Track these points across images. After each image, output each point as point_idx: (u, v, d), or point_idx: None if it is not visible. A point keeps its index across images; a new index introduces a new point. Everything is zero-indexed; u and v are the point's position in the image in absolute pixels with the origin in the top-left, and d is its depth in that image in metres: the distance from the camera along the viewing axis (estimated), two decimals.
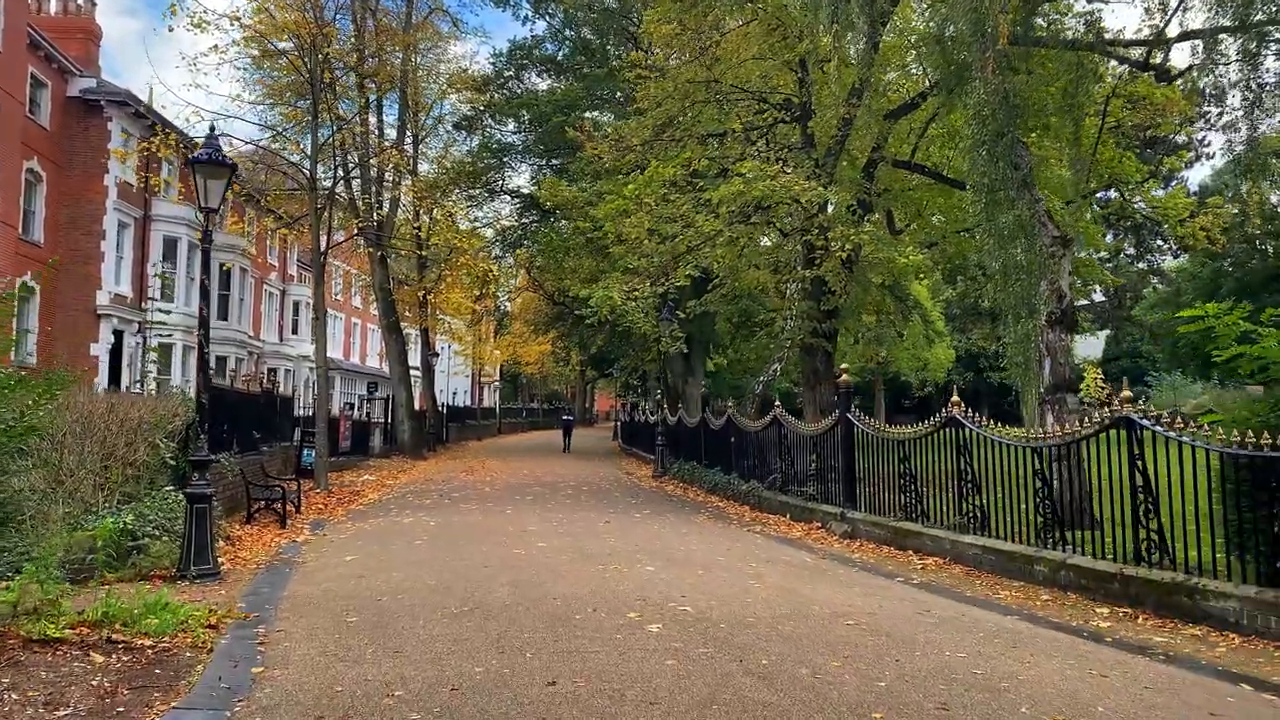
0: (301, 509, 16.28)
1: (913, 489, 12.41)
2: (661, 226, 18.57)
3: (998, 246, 11.78)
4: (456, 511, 16.09)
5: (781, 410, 16.63)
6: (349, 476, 24.06)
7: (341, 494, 19.46)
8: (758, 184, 17.11)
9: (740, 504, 17.83)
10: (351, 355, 60.28)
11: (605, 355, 63.40)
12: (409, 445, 33.72)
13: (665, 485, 22.92)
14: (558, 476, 24.85)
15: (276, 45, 18.86)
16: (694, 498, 19.87)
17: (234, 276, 39.90)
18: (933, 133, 21.01)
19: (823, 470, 15.01)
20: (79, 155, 31.99)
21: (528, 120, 37.57)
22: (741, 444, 18.91)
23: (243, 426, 16.16)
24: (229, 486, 14.29)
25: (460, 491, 20.08)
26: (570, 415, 42.61)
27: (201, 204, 9.73)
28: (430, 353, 39.44)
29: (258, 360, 44.59)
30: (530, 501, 17.94)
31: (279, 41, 18.85)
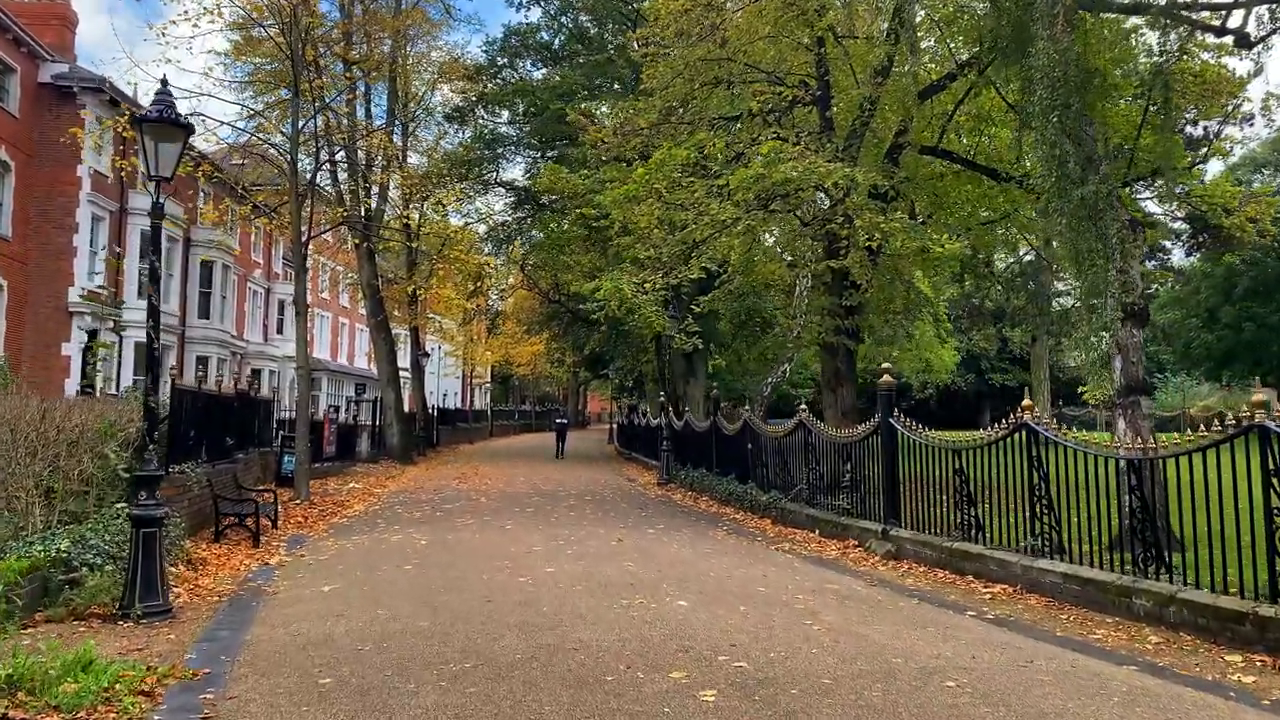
0: (279, 523, 14.73)
1: (969, 504, 10.95)
2: (673, 215, 17.07)
3: (1070, 228, 10.33)
4: (450, 527, 14.56)
5: (808, 414, 15.15)
6: (333, 484, 22.50)
7: (324, 504, 17.90)
8: (779, 166, 15.63)
9: (760, 517, 16.35)
10: (339, 356, 58.58)
11: (600, 356, 61.95)
12: (398, 449, 32.16)
13: (672, 494, 21.43)
14: (556, 484, 23.34)
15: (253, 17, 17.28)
16: (706, 508, 18.38)
17: (215, 273, 38.27)
18: (958, 119, 19.61)
19: (858, 481, 13.54)
20: (50, 145, 30.23)
21: (523, 110, 36.07)
22: (759, 451, 17.43)
23: (214, 432, 14.60)
24: (195, 500, 12.74)
25: (453, 502, 18.55)
26: (565, 418, 41.37)
27: (150, 171, 8.20)
28: (420, 352, 37.89)
29: (241, 360, 42.94)
30: (531, 514, 16.41)
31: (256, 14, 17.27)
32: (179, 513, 11.94)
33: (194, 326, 37.12)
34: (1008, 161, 19.78)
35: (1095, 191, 10.26)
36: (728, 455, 19.57)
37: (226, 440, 15.46)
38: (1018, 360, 67.00)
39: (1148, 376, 43.42)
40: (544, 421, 78.19)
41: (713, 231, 16.27)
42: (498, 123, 35.93)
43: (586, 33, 36.26)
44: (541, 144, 35.35)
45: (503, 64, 35.63)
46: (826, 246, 18.71)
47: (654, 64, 19.93)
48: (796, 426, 15.38)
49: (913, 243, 16.12)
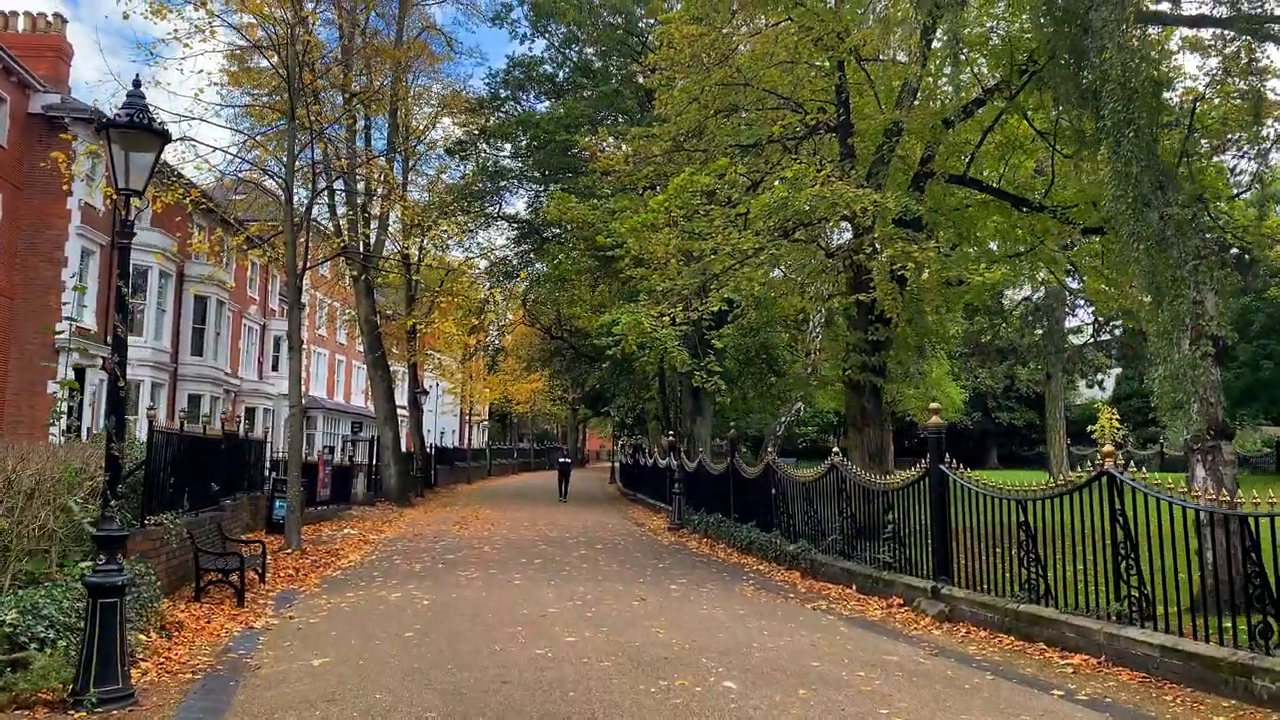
0: (267, 577, 13.53)
1: (1036, 561, 9.80)
2: (691, 244, 16.06)
3: (1147, 254, 9.29)
4: (454, 581, 13.35)
5: (842, 458, 14.02)
6: (328, 530, 21.27)
7: (317, 554, 16.68)
8: (803, 191, 14.66)
9: (787, 568, 15.15)
10: (335, 393, 57.42)
11: (601, 393, 60.78)
12: (395, 491, 30.92)
13: (686, 541, 20.21)
14: (563, 530, 22.11)
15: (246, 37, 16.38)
16: (725, 558, 17.18)
17: (209, 308, 37.24)
18: (986, 147, 18.71)
19: (900, 532, 12.38)
20: (40, 176, 29.26)
21: (525, 143, 35.24)
22: (784, 497, 16.27)
23: (198, 477, 13.44)
24: (174, 555, 11.56)
25: (455, 550, 17.33)
26: (568, 456, 38.88)
27: (119, 185, 7.14)
28: (418, 390, 36.74)
29: (235, 399, 41.80)
30: (540, 566, 15.20)
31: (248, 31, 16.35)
32: (155, 570, 10.78)
33: (186, 364, 36.01)
34: (1037, 190, 18.88)
35: (1175, 214, 9.24)
36: (747, 500, 18.40)
37: (212, 486, 14.30)
38: (1024, 399, 65.89)
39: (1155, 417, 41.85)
40: (543, 460, 76.84)
41: (733, 262, 15.24)
42: (500, 155, 35.11)
43: (591, 66, 35.57)
44: (545, 177, 34.50)
45: (506, 96, 34.90)
46: (851, 279, 17.72)
47: (666, 90, 19.07)
48: (828, 470, 14.24)
49: (947, 272, 15.10)
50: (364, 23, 29.02)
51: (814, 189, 14.70)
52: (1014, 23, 15.50)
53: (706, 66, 18.26)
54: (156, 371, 32.97)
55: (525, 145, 35.56)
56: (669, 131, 18.36)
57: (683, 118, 17.91)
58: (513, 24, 34.07)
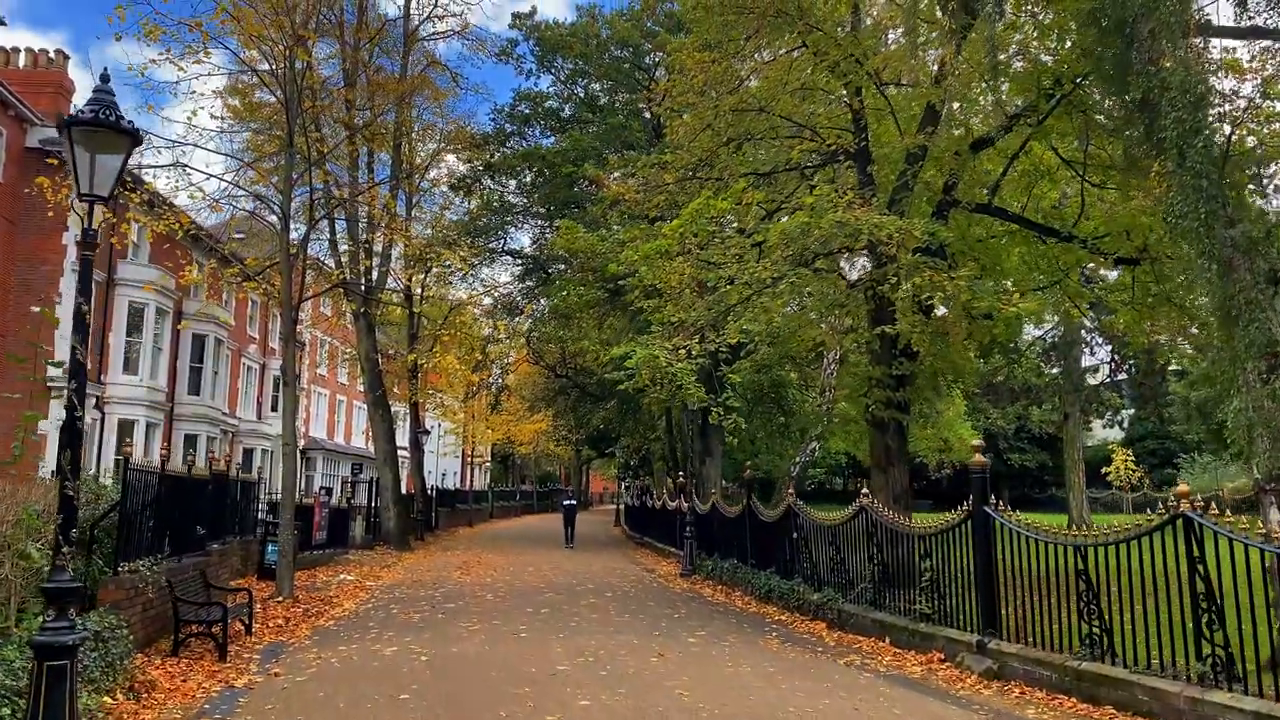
0: (255, 627, 12.56)
1: (1099, 614, 8.86)
2: (705, 274, 15.28)
3: (1218, 275, 8.46)
4: (455, 634, 12.37)
5: (871, 500, 13.09)
6: (323, 575, 20.28)
7: (310, 601, 15.70)
8: (826, 217, 13.90)
9: (810, 619, 14.16)
10: (335, 434, 56.47)
11: (605, 434, 59.74)
12: (395, 534, 29.90)
13: (700, 588, 19.19)
14: (569, 576, 21.09)
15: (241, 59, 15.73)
16: (744, 607, 16.17)
17: (208, 347, 36.48)
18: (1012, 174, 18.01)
19: (938, 581, 11.43)
20: (36, 212, 28.75)
21: (530, 179, 34.73)
22: (806, 541, 15.31)
23: (181, 520, 12.54)
24: (152, 605, 10.63)
25: (456, 599, 16.33)
26: (573, 499, 36.57)
27: (81, 189, 6.37)
28: (420, 430, 35.81)
29: (233, 440, 40.92)
30: (547, 617, 14.21)
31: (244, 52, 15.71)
32: (130, 621, 9.85)
33: (183, 403, 35.18)
34: (1061, 221, 18.14)
35: (1246, 231, 8.44)
36: (765, 545, 17.43)
37: (197, 529, 13.38)
38: (1036, 440, 64.80)
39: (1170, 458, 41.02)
40: (546, 502, 75.58)
41: (750, 292, 14.44)
42: (506, 190, 34.55)
43: (596, 101, 35.16)
44: (550, 212, 33.91)
45: (511, 131, 34.41)
46: (873, 311, 16.91)
47: (677, 117, 18.44)
48: (856, 513, 13.30)
49: (979, 303, 14.27)
50: (369, 58, 28.63)
51: (837, 214, 13.94)
52: (1047, 40, 14.84)
53: (719, 93, 17.65)
54: (152, 411, 32.13)
55: (530, 180, 35.04)
56: (681, 160, 17.68)
57: (695, 144, 17.24)
58: (518, 59, 33.71)
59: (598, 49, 31.77)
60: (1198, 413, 45.36)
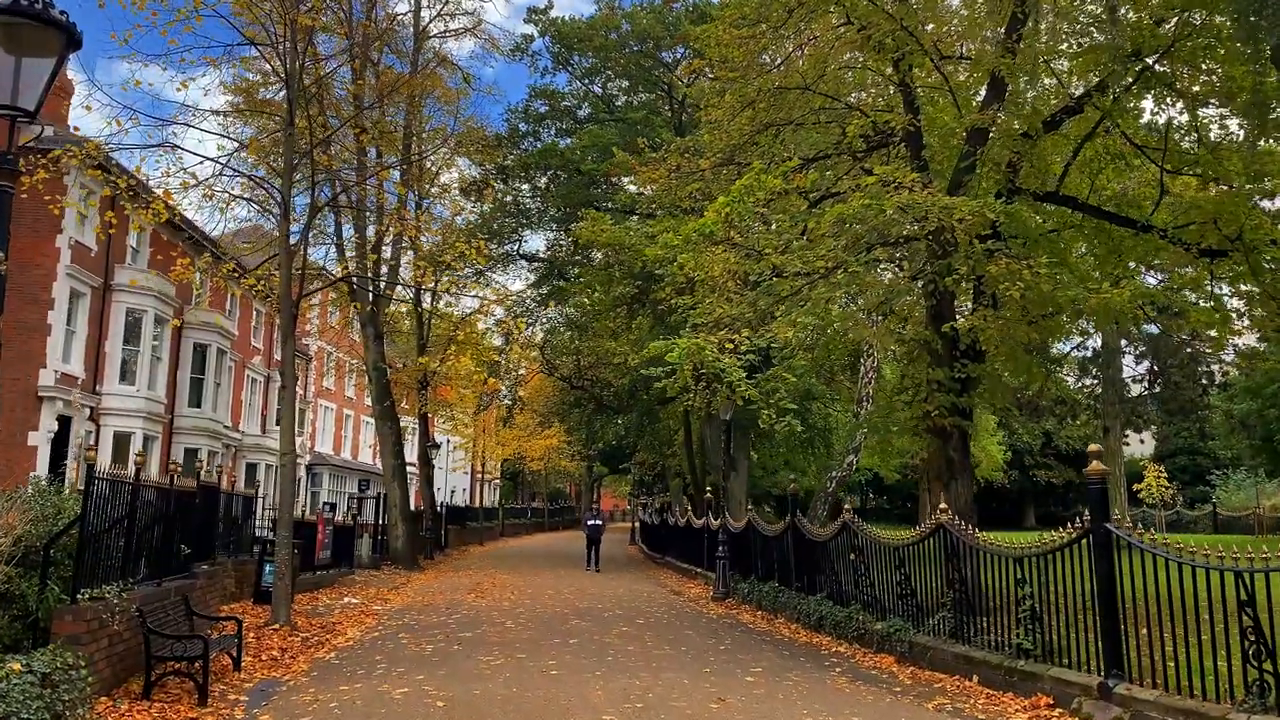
0: (245, 661, 10.95)
1: (1271, 654, 7.21)
2: (749, 266, 13.68)
3: None
4: (475, 670, 10.73)
5: (953, 518, 11.44)
6: (326, 598, 18.69)
7: (310, 629, 14.09)
8: (891, 199, 12.33)
9: (874, 650, 12.48)
10: (342, 449, 54.93)
11: (619, 449, 58.09)
12: (403, 553, 28.30)
13: (738, 613, 17.50)
14: (593, 600, 19.43)
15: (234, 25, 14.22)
16: (792, 636, 14.49)
17: (210, 357, 35.02)
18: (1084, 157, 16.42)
19: (1038, 611, 9.77)
20: (27, 212, 27.37)
21: (545, 182, 33.25)
22: (865, 564, 13.65)
23: (160, 538, 10.96)
24: (119, 638, 9.03)
25: (474, 626, 14.69)
26: (598, 517, 32.10)
27: None
28: (429, 444, 34.24)
29: (236, 454, 39.41)
30: (578, 648, 12.55)
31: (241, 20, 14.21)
32: (93, 658, 8.30)
33: (183, 415, 33.69)
34: (1143, 209, 16.52)
35: None
36: (813, 567, 15.76)
37: (180, 548, 11.80)
38: (1063, 456, 62.82)
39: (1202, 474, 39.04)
40: (557, 520, 73.88)
41: (804, 283, 12.85)
42: (520, 194, 33.07)
43: (614, 101, 33.72)
44: (565, 215, 32.42)
45: (525, 131, 32.95)
46: (933, 307, 15.30)
47: (713, 98, 16.93)
48: (932, 532, 11.64)
49: (1064, 294, 12.65)
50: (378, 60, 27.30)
51: (902, 195, 12.37)
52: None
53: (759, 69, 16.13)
54: (150, 423, 30.63)
55: (545, 185, 33.59)
56: (718, 142, 16.13)
57: (734, 125, 15.68)
58: (533, 56, 32.33)
59: (617, 44, 30.34)
60: (1241, 426, 43.50)
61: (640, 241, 17.36)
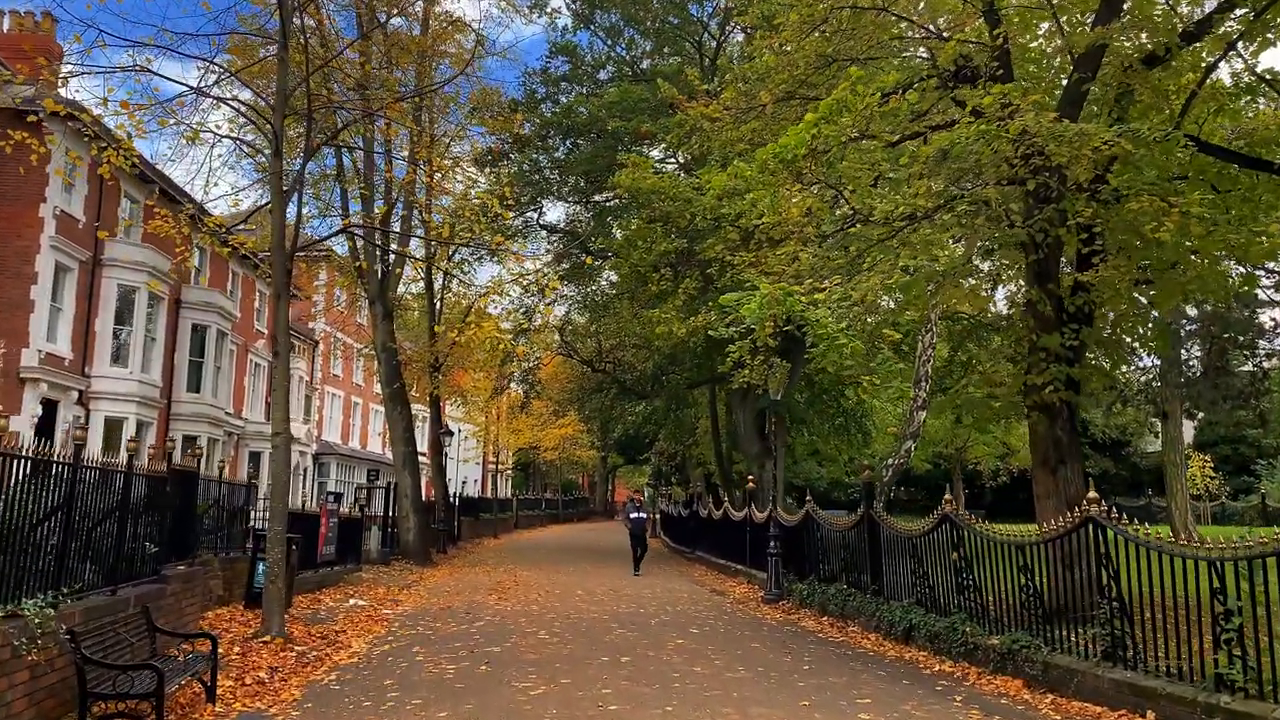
0: (221, 688, 8.75)
1: None
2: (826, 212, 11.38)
3: None
4: (511, 704, 8.47)
5: (1108, 511, 9.14)
6: (329, 600, 16.53)
7: (307, 641, 11.91)
8: (1014, 122, 10.03)
9: (990, 671, 10.20)
10: (351, 438, 52.80)
11: (638, 438, 55.85)
12: (415, 546, 26.17)
13: (799, 619, 15.23)
14: (631, 602, 17.19)
15: None
16: (875, 648, 12.24)
17: (209, 340, 32.86)
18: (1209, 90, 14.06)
19: (1243, 630, 7.48)
20: (8, 180, 25.26)
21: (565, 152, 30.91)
22: (969, 565, 11.36)
23: (113, 535, 8.76)
24: (46, 668, 6.83)
25: (500, 637, 12.45)
26: (641, 511, 27.09)
27: None
28: (441, 430, 32.02)
29: (238, 442, 37.32)
30: (632, 668, 10.30)
31: None
32: (8, 696, 6.11)
33: (181, 401, 31.56)
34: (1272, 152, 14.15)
35: None
36: (894, 567, 13.50)
37: (145, 546, 9.59)
38: (1099, 445, 60.23)
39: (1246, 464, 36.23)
40: (572, 511, 71.75)
41: (904, 225, 10.55)
42: (538, 165, 30.77)
43: (639, 65, 31.36)
44: (588, 184, 30.12)
45: (544, 95, 30.61)
46: (1038, 263, 12.97)
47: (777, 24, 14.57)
48: (1079, 525, 9.34)
49: (1227, 236, 10.33)
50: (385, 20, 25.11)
51: (1027, 117, 10.06)
52: None
53: None
54: (144, 408, 28.49)
55: (565, 154, 31.30)
56: (781, 75, 13.79)
57: (800, 51, 13.34)
58: (552, 14, 30.00)
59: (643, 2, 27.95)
60: None
61: (688, 192, 15.11)
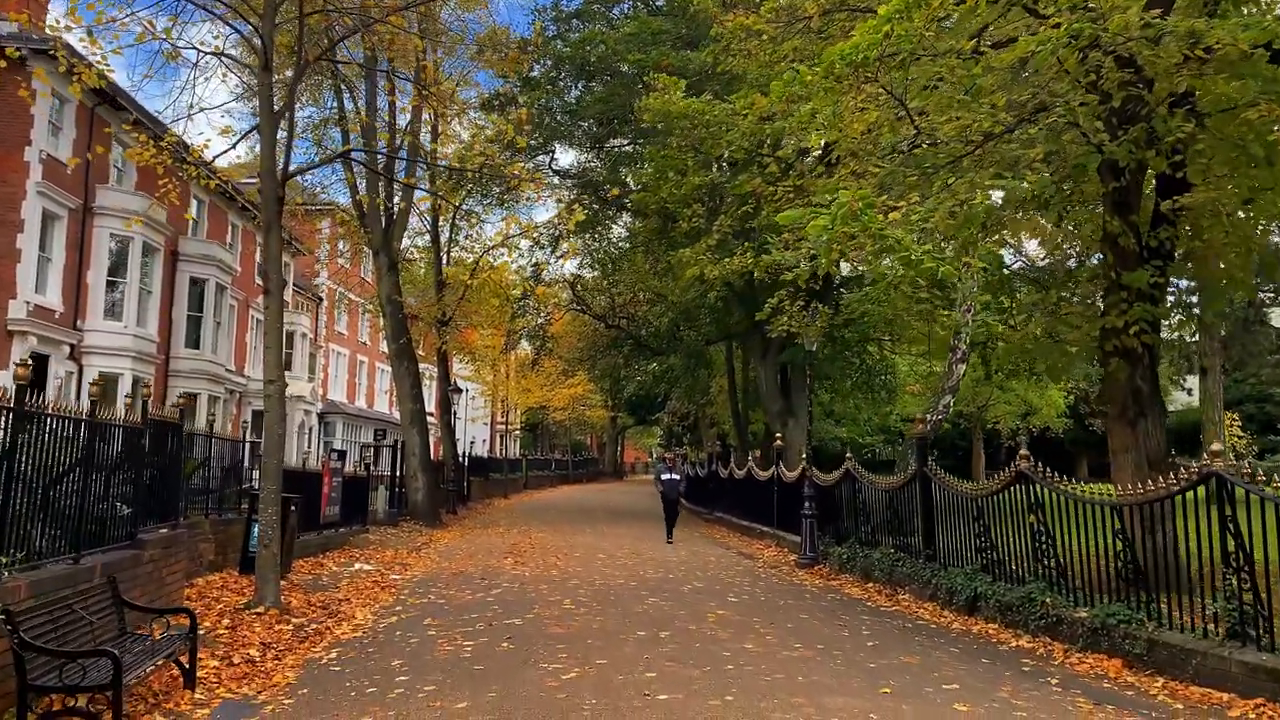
0: (204, 670, 7.56)
1: None
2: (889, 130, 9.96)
3: None
4: (540, 693, 7.23)
5: (1237, 464, 7.85)
6: (332, 564, 15.37)
7: (307, 611, 10.73)
8: (1117, 17, 8.58)
9: (1078, 649, 8.96)
10: (357, 398, 51.65)
11: (648, 398, 54.72)
12: (423, 507, 25.07)
13: (841, 585, 14.02)
14: (659, 567, 15.99)
15: None
16: (935, 620, 11.01)
17: (208, 293, 31.58)
18: None
19: None
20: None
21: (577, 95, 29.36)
22: (1047, 528, 10.08)
23: (76, 494, 7.51)
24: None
25: (520, 607, 11.25)
26: (673, 472, 24.53)
27: None
28: (450, 387, 30.80)
29: (240, 400, 36.16)
30: (673, 644, 9.07)
31: None
32: None
33: (180, 357, 30.34)
34: None
35: None
36: (952, 530, 12.26)
37: (116, 508, 8.34)
38: None
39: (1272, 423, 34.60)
40: (581, 472, 70.86)
41: (982, 140, 9.12)
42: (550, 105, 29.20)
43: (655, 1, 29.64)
44: (601, 128, 28.55)
45: (554, 34, 28.95)
46: (1116, 192, 11.54)
47: None
48: (1197, 481, 8.04)
49: None
50: None
51: (1131, 11, 8.59)
52: None
53: None
54: (140, 363, 27.26)
55: (577, 98, 29.76)
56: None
57: None
58: None
59: None
60: None
61: (724, 116, 13.66)
